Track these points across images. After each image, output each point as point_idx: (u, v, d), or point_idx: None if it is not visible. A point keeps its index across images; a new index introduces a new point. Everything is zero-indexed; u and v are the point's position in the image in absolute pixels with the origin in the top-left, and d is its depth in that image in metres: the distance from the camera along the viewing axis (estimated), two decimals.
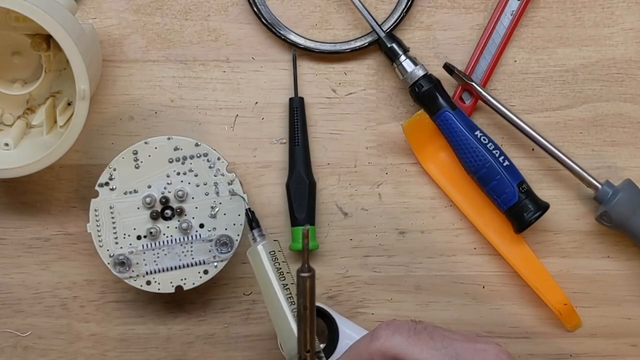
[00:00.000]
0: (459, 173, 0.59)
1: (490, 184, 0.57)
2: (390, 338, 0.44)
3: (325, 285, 0.59)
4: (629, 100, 0.60)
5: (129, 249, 0.54)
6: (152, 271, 0.55)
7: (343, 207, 0.60)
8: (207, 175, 0.55)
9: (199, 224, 0.55)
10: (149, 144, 0.55)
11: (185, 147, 0.55)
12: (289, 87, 0.59)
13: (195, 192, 0.55)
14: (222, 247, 0.55)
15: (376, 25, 0.57)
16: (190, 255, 0.55)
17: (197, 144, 0.55)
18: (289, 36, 0.58)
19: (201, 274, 0.55)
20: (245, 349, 0.59)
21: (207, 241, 0.55)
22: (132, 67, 0.59)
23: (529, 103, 0.60)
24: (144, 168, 0.55)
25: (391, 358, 0.44)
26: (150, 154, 0.55)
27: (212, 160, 0.55)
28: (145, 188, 0.55)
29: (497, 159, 0.56)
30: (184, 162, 0.55)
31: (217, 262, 0.55)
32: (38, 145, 0.55)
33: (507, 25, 0.59)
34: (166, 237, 0.55)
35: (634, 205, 0.57)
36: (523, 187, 0.56)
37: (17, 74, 0.57)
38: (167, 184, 0.55)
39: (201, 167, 0.55)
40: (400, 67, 0.57)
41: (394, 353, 0.44)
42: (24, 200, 0.59)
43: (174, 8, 0.59)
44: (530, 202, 0.56)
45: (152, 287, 0.55)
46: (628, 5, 0.60)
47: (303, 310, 0.43)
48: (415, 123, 0.58)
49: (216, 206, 0.55)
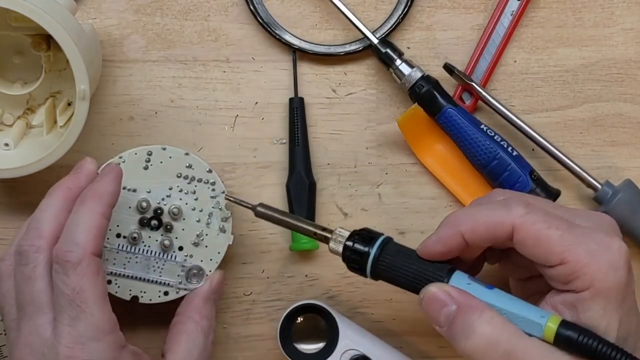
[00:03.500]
0: (457, 164, 0.59)
1: (503, 175, 0.56)
2: (527, 216, 0.45)
3: (325, 286, 0.60)
4: (629, 100, 0.60)
5: (105, 243, 0.53)
6: (117, 273, 0.54)
7: (343, 208, 0.60)
8: (206, 203, 0.55)
9: (179, 246, 0.55)
10: (166, 150, 0.54)
11: (197, 169, 0.55)
12: (289, 87, 0.59)
13: (189, 214, 0.55)
14: (191, 277, 0.55)
15: (369, 32, 0.57)
16: (158, 272, 0.54)
17: (210, 171, 0.55)
18: (284, 36, 0.58)
19: (161, 294, 0.55)
20: (245, 349, 0.59)
21: (180, 265, 0.55)
22: (132, 67, 0.59)
23: (529, 103, 0.60)
24: (151, 172, 0.54)
25: (526, 236, 0.45)
26: (163, 161, 0.54)
27: (217, 191, 0.55)
28: (144, 192, 0.54)
29: (506, 150, 0.56)
30: (190, 182, 0.55)
31: (181, 289, 0.55)
32: (38, 145, 0.55)
33: (507, 25, 0.59)
34: (144, 247, 0.54)
35: (634, 205, 0.57)
36: (534, 175, 0.57)
37: (17, 74, 0.57)
38: (166, 195, 0.54)
39: (204, 193, 0.55)
40: (397, 71, 0.57)
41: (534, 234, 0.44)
42: (24, 200, 0.59)
43: (174, 8, 0.59)
44: (541, 191, 0.57)
45: (110, 288, 0.54)
46: (628, 5, 0.60)
47: (285, 219, 0.51)
48: (410, 117, 0.58)
49: (202, 236, 0.55)
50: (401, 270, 0.47)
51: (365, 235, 0.49)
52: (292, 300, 0.59)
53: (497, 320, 0.44)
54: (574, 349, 0.43)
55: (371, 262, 0.48)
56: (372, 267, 0.48)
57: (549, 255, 0.44)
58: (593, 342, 0.43)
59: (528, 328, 0.44)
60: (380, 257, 0.48)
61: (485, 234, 0.46)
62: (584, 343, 0.43)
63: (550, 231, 0.44)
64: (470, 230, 0.46)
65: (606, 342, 0.43)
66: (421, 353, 0.60)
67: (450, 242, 0.47)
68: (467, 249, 0.47)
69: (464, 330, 0.44)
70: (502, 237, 0.45)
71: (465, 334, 0.44)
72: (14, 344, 0.47)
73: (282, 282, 0.59)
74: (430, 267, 0.47)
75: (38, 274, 0.47)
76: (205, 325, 0.53)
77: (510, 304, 0.45)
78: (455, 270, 0.47)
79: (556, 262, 0.44)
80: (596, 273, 0.43)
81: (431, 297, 0.46)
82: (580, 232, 0.44)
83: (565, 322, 0.44)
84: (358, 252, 0.48)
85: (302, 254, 0.59)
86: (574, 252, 0.44)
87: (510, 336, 0.44)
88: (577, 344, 0.43)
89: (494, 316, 0.44)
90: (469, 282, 0.46)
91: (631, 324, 0.45)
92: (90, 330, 0.46)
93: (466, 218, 0.47)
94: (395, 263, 0.47)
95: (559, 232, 0.44)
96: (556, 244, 0.44)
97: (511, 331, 0.44)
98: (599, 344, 0.43)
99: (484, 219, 0.46)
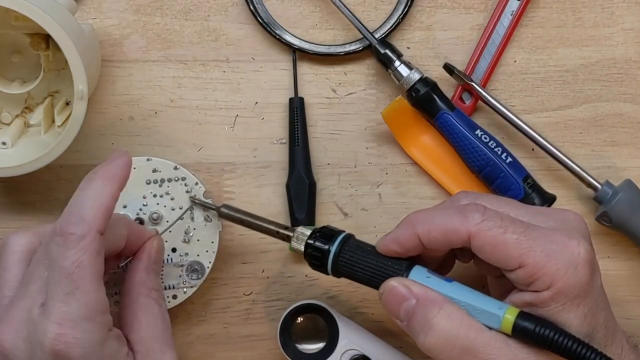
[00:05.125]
0: (443, 154, 0.59)
1: (496, 182, 0.57)
2: (483, 223, 0.45)
3: (325, 286, 0.59)
4: (629, 100, 0.60)
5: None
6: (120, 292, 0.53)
7: (343, 208, 0.60)
8: (183, 199, 0.55)
9: (171, 248, 0.55)
10: None
11: (164, 170, 0.55)
12: (289, 87, 0.59)
13: (170, 216, 0.54)
14: (192, 274, 0.55)
15: (368, 33, 0.57)
16: (160, 279, 0.54)
17: (176, 167, 0.55)
18: (284, 36, 0.58)
19: (170, 299, 0.55)
20: (245, 349, 0.59)
21: (179, 266, 0.55)
22: (132, 67, 0.59)
23: (529, 103, 0.60)
24: None
25: (483, 243, 0.45)
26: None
27: (190, 184, 0.55)
28: (120, 208, 0.54)
29: (500, 156, 0.56)
30: (161, 184, 0.55)
31: (187, 287, 0.55)
32: (36, 144, 0.55)
33: (507, 25, 0.59)
34: None
35: (634, 205, 0.57)
36: (528, 182, 0.57)
37: (15, 73, 0.57)
38: (143, 205, 0.54)
39: (178, 190, 0.55)
40: (396, 73, 0.57)
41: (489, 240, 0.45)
42: (23, 200, 0.58)
43: (174, 8, 0.59)
44: (536, 196, 0.56)
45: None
46: (628, 5, 0.60)
47: (247, 220, 0.53)
48: (394, 110, 0.58)
49: (190, 231, 0.55)
50: (361, 265, 0.48)
51: (327, 233, 0.49)
52: (292, 300, 0.59)
53: (456, 315, 0.44)
54: (531, 340, 0.43)
55: (332, 258, 0.48)
56: (332, 264, 0.48)
57: (507, 260, 0.44)
58: (549, 333, 0.43)
59: (486, 320, 0.44)
60: (341, 253, 0.48)
61: (442, 238, 0.46)
62: (540, 333, 0.43)
63: (507, 236, 0.44)
64: (426, 234, 0.46)
65: (563, 332, 0.43)
66: (421, 353, 0.58)
67: (407, 243, 0.47)
68: (427, 250, 0.47)
69: (423, 326, 0.45)
70: (458, 243, 0.46)
71: (424, 330, 0.44)
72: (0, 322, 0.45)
73: (282, 282, 0.59)
74: (389, 262, 0.47)
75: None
76: (155, 295, 0.51)
77: (469, 296, 0.45)
78: (415, 264, 0.47)
79: (515, 266, 0.44)
80: (555, 273, 0.44)
81: (391, 291, 0.46)
82: (537, 234, 0.45)
83: (522, 313, 0.44)
84: (319, 250, 0.49)
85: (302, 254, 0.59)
86: (531, 255, 0.44)
87: (469, 331, 0.44)
88: (534, 335, 0.43)
89: (453, 311, 0.44)
90: (428, 275, 0.47)
91: (596, 320, 0.45)
92: (84, 309, 0.44)
93: (423, 220, 0.47)
94: (355, 259, 0.48)
95: (514, 237, 0.44)
96: (513, 249, 0.44)
97: (470, 326, 0.44)
98: (555, 334, 0.43)
99: (440, 224, 0.46)
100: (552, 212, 0.48)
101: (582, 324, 0.44)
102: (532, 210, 0.48)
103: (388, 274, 0.47)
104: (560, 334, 0.43)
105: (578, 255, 0.44)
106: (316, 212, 0.59)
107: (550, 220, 0.47)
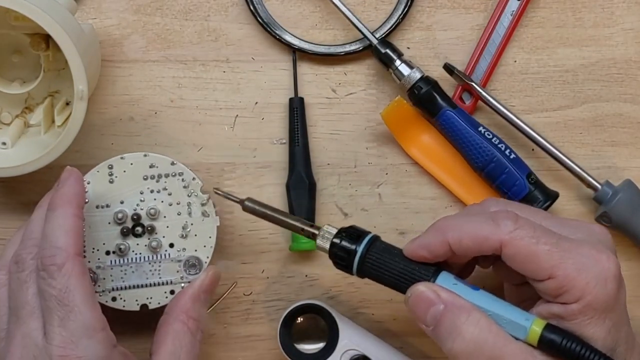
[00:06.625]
0: (443, 154, 0.59)
1: (500, 178, 0.56)
2: (516, 232, 0.45)
3: (326, 286, 0.59)
4: (629, 100, 0.60)
5: (97, 263, 0.54)
6: (118, 288, 0.54)
7: (343, 208, 0.60)
8: (180, 194, 0.55)
9: (169, 243, 0.54)
10: (125, 159, 0.54)
11: (161, 165, 0.54)
12: (289, 87, 0.59)
13: (167, 211, 0.54)
14: (190, 269, 0.54)
15: (369, 33, 0.57)
16: (157, 275, 0.54)
17: (173, 163, 0.55)
18: (284, 36, 0.58)
19: (167, 294, 0.54)
20: (245, 349, 0.59)
21: (176, 261, 0.54)
22: (132, 67, 0.59)
23: (529, 103, 0.60)
24: (118, 183, 0.54)
25: (515, 252, 0.45)
26: (126, 169, 0.54)
27: (187, 180, 0.55)
28: (117, 203, 0.54)
29: (504, 152, 0.56)
30: (158, 180, 0.54)
31: (185, 282, 0.55)
32: (36, 144, 0.55)
33: (507, 25, 0.59)
34: (135, 255, 0.54)
35: (634, 205, 0.57)
36: (532, 178, 0.57)
37: (16, 73, 0.57)
38: (140, 200, 0.54)
39: (175, 186, 0.55)
40: (397, 72, 0.57)
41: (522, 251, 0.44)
42: (23, 201, 0.58)
43: (174, 8, 0.59)
44: (540, 193, 0.56)
45: (117, 304, 0.54)
46: (628, 5, 0.60)
47: (273, 215, 0.51)
48: (394, 110, 0.58)
49: (188, 226, 0.55)
50: (387, 268, 0.48)
51: (353, 233, 0.49)
52: (292, 300, 0.59)
53: (484, 322, 0.44)
54: (557, 353, 0.43)
55: (358, 259, 0.48)
56: (358, 265, 0.48)
57: (538, 270, 0.44)
58: (576, 347, 0.43)
59: (513, 330, 0.44)
60: (367, 254, 0.48)
61: (472, 246, 0.46)
62: (567, 347, 0.43)
63: (539, 247, 0.44)
64: (457, 241, 0.46)
65: (589, 346, 0.43)
66: (421, 354, 0.60)
67: (436, 249, 0.47)
68: (455, 256, 0.47)
69: (450, 331, 0.44)
70: (489, 251, 0.46)
71: (452, 336, 0.44)
72: (5, 353, 0.47)
73: (282, 282, 0.59)
74: (416, 266, 0.47)
75: (34, 278, 0.47)
76: (192, 325, 0.52)
77: (496, 305, 0.45)
78: (441, 270, 0.47)
79: (545, 277, 0.44)
80: (585, 287, 0.43)
81: (419, 296, 0.46)
82: (569, 246, 0.45)
83: (549, 325, 0.44)
84: (345, 250, 0.48)
85: (302, 254, 0.59)
86: (562, 266, 0.44)
87: (497, 340, 0.44)
88: (560, 348, 0.43)
89: (481, 318, 0.44)
90: (455, 282, 0.46)
91: (620, 334, 0.45)
92: (81, 329, 0.46)
93: (454, 227, 0.46)
94: (382, 261, 0.48)
95: (547, 248, 0.44)
96: (544, 260, 0.44)
97: (498, 334, 0.44)
98: (582, 348, 0.43)
99: (471, 232, 0.46)
100: (580, 225, 0.48)
101: (606, 338, 0.44)
102: (559, 221, 0.48)
103: (415, 278, 0.47)
104: (587, 348, 0.43)
105: (608, 269, 0.44)
106: (316, 212, 0.59)
107: (579, 232, 0.47)
